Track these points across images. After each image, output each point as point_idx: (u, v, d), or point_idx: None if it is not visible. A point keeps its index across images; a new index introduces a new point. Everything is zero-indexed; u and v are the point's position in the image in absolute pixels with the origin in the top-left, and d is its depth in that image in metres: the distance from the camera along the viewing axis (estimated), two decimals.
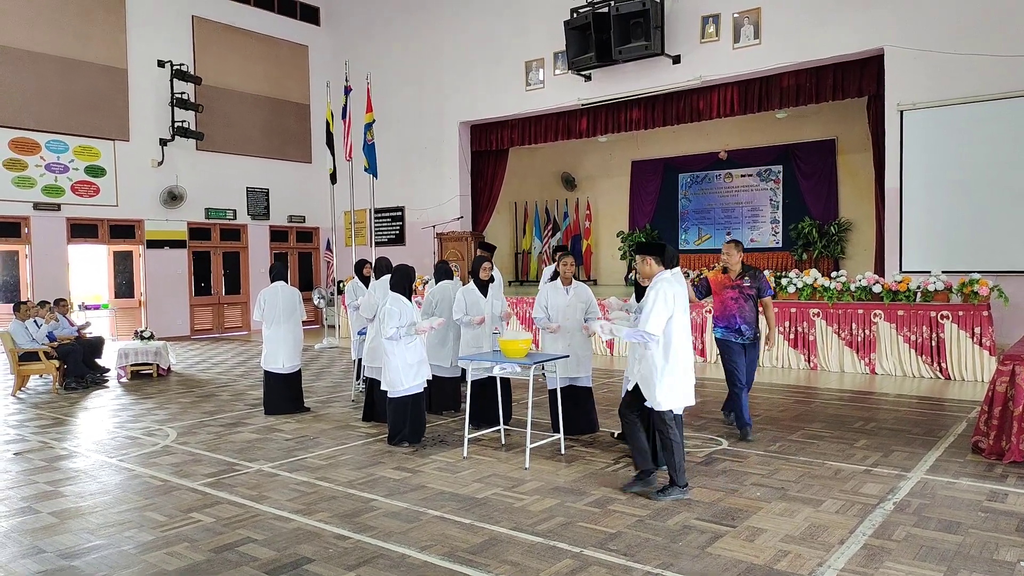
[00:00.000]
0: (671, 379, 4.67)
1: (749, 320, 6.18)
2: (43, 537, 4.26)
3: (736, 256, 6.23)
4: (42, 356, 9.44)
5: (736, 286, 6.22)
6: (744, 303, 6.18)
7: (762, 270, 6.31)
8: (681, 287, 4.74)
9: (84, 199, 14.46)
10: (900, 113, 10.67)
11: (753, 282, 6.20)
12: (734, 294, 6.21)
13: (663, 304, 4.60)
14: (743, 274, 6.25)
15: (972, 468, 5.24)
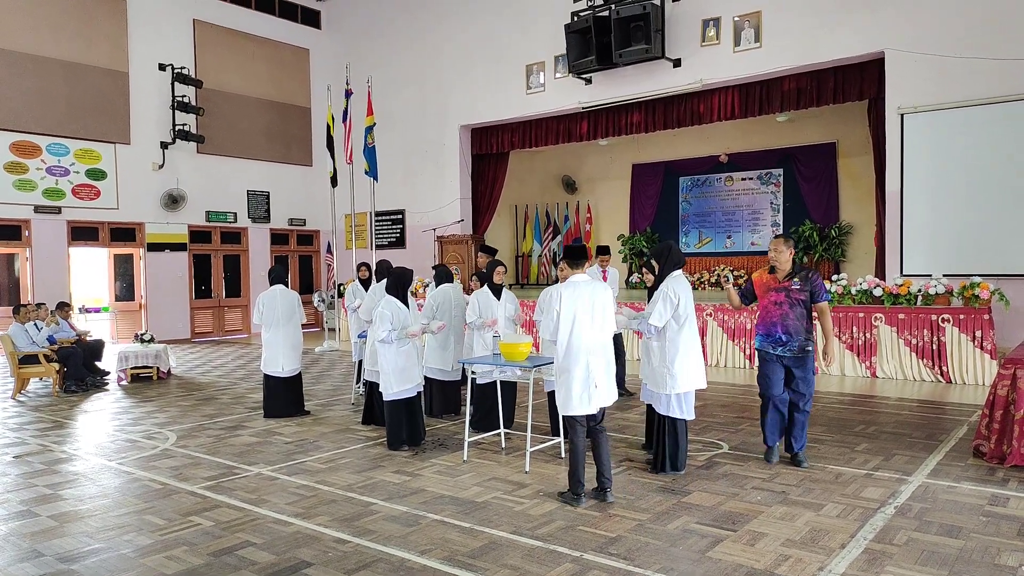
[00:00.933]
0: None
1: (793, 329, 5.29)
2: (42, 540, 4.25)
3: (786, 253, 5.36)
4: (42, 359, 9.43)
5: (783, 288, 5.37)
6: (789, 309, 5.32)
7: (817, 271, 5.43)
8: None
9: (85, 202, 14.47)
10: (901, 116, 10.67)
11: (804, 284, 5.31)
12: (779, 298, 5.37)
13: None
14: (793, 275, 5.36)
15: (973, 472, 5.23)
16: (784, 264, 5.38)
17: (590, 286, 4.75)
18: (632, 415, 7.34)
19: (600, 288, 4.79)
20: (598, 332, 4.70)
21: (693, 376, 5.18)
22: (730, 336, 10.80)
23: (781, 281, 5.40)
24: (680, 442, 5.24)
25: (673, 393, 5.14)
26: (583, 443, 4.71)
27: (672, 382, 5.11)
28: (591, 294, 4.71)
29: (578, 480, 4.66)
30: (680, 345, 5.12)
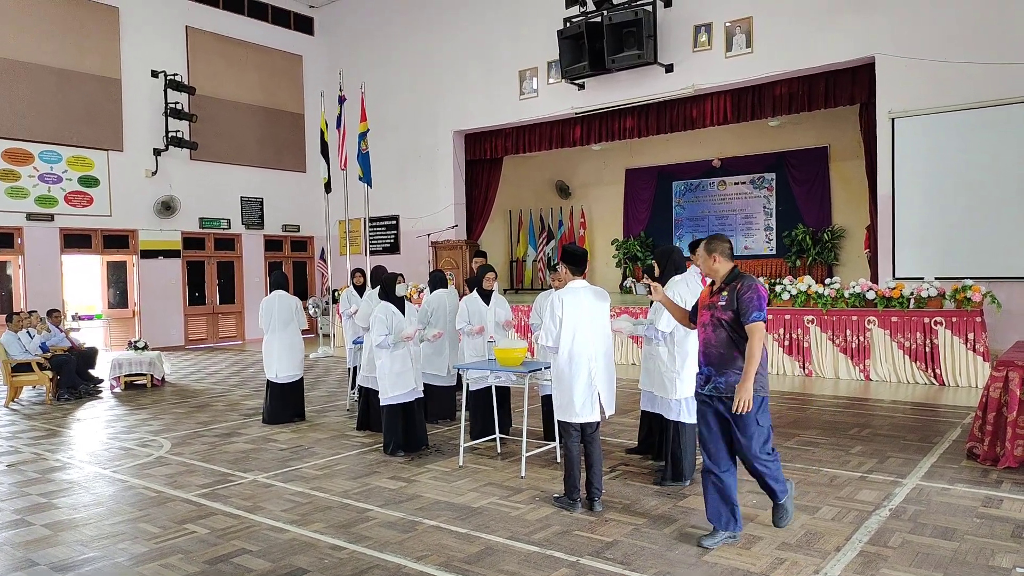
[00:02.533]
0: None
1: (716, 360, 4.03)
2: (36, 549, 4.23)
3: (711, 260, 4.12)
4: (35, 367, 9.39)
5: (709, 305, 4.13)
6: (712, 332, 4.06)
7: (754, 280, 4.03)
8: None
9: (77, 209, 14.42)
10: (892, 120, 10.74)
11: (731, 300, 3.99)
12: (704, 318, 4.15)
13: None
14: (723, 287, 4.10)
15: (967, 474, 5.25)
16: (714, 274, 4.15)
17: (590, 292, 4.75)
18: (628, 419, 7.35)
19: (599, 294, 4.80)
20: (600, 339, 4.70)
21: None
22: None
23: (711, 296, 4.17)
24: (684, 449, 5.10)
25: (683, 397, 5.02)
26: (578, 449, 4.71)
27: (682, 386, 4.99)
28: (591, 301, 4.71)
29: (574, 485, 4.67)
30: (689, 349, 4.97)
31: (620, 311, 11.38)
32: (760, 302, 3.92)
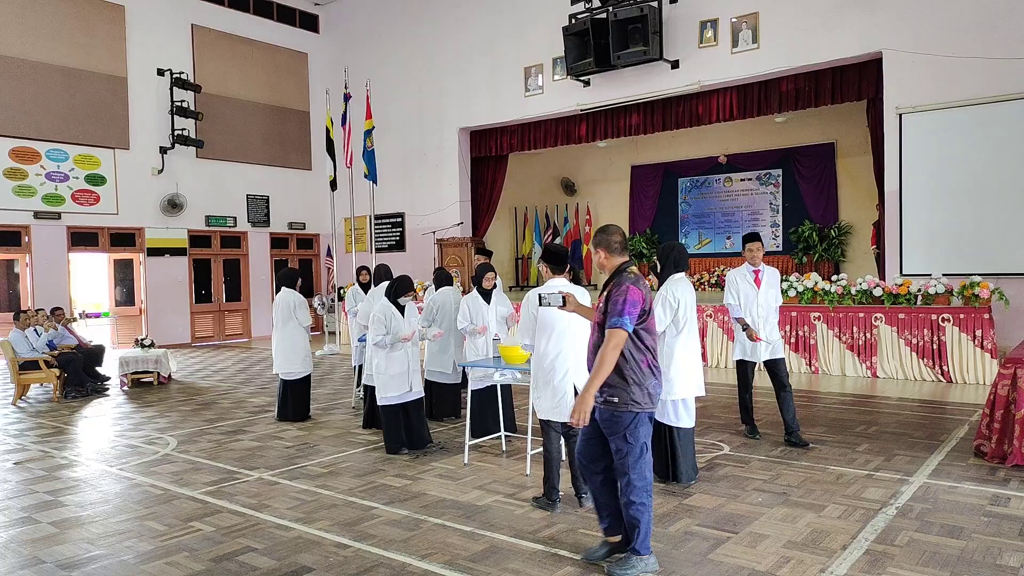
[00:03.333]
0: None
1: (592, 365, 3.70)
2: (43, 547, 4.24)
3: (602, 255, 3.74)
4: (42, 365, 9.43)
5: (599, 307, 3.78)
6: (593, 335, 3.75)
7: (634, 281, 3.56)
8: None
9: (84, 207, 14.48)
10: (899, 116, 10.67)
11: (605, 302, 3.64)
12: (596, 318, 3.77)
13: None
14: (606, 285, 3.72)
15: (974, 472, 5.22)
16: (602, 270, 3.80)
17: (571, 291, 4.71)
18: None
19: (580, 293, 4.76)
20: (579, 338, 4.66)
21: (690, 383, 5.07)
22: (731, 337, 10.79)
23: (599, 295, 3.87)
24: (681, 451, 5.09)
25: (668, 399, 5.03)
26: (558, 448, 4.69)
27: (668, 387, 4.99)
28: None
29: (552, 485, 4.64)
30: (677, 350, 5.01)
31: None
32: (625, 307, 3.48)
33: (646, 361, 3.64)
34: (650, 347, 3.69)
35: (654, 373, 3.67)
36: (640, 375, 3.60)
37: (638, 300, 3.54)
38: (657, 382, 3.69)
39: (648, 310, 3.65)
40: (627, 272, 3.66)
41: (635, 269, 3.70)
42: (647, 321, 3.66)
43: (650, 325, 3.70)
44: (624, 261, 3.73)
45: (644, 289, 3.62)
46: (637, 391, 3.59)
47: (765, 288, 6.25)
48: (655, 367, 3.69)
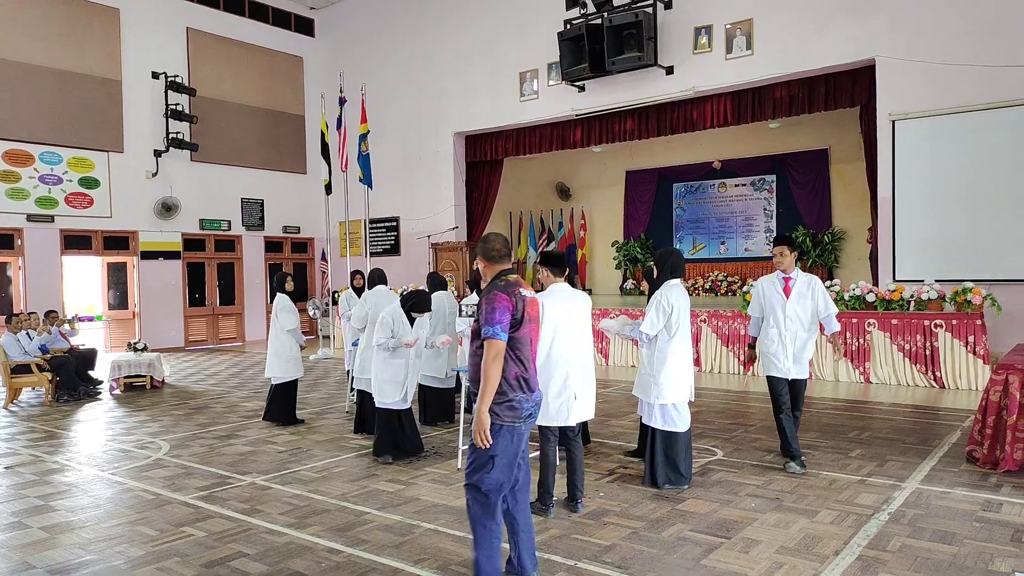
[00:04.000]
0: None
1: (472, 375, 3.57)
2: (33, 553, 4.22)
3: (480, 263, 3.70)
4: (34, 368, 9.39)
5: None
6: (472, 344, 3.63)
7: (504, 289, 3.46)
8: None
9: (78, 211, 14.43)
10: (892, 123, 10.73)
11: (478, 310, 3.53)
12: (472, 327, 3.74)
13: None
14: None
15: (967, 478, 5.24)
16: (484, 280, 3.74)
17: (571, 295, 4.74)
18: (626, 422, 7.34)
19: (580, 297, 4.79)
20: (579, 343, 4.68)
21: (679, 388, 5.07)
22: (724, 342, 10.81)
23: None
24: (672, 455, 5.08)
25: (657, 403, 5.05)
26: (554, 453, 4.69)
27: (657, 391, 5.03)
28: (573, 304, 4.69)
29: (547, 491, 4.64)
30: (669, 355, 5.03)
31: (619, 313, 11.38)
32: (492, 315, 3.36)
33: (514, 372, 3.44)
34: (522, 358, 3.47)
35: (522, 386, 3.45)
36: (505, 385, 3.41)
37: (507, 307, 3.40)
38: (525, 396, 3.45)
39: (522, 319, 3.44)
40: (500, 279, 3.54)
41: (512, 277, 3.56)
42: (521, 331, 3.46)
43: (524, 335, 3.47)
44: (504, 268, 3.62)
45: (516, 296, 3.44)
46: (499, 401, 3.40)
47: (796, 299, 5.52)
48: (525, 380, 3.46)
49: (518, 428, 3.46)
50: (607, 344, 11.87)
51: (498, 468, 3.41)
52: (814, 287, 5.59)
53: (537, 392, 3.59)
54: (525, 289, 3.57)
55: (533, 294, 3.68)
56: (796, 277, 5.62)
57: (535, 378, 3.60)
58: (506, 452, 3.42)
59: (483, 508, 3.43)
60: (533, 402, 3.54)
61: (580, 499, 4.70)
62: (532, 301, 3.61)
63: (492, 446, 3.39)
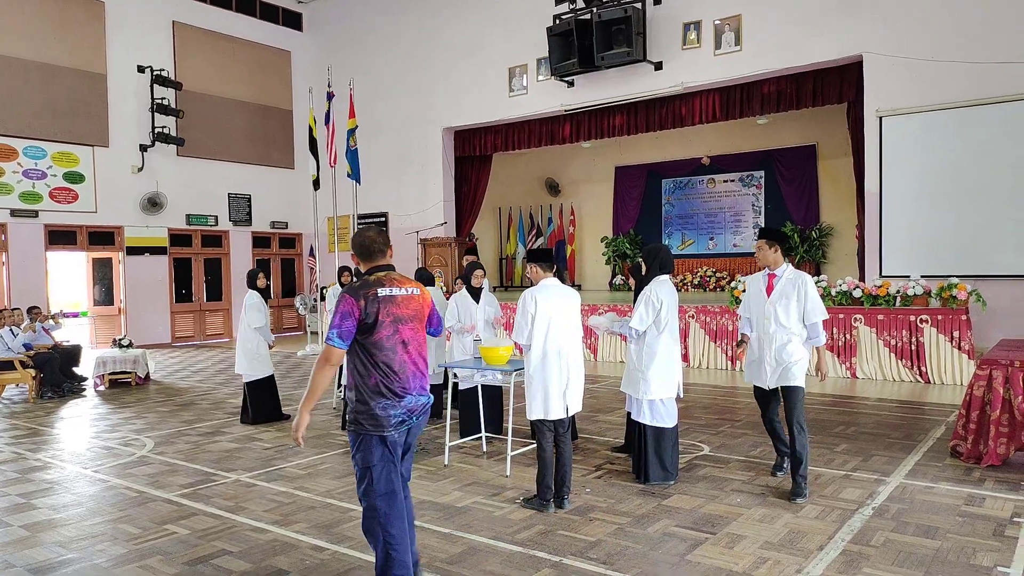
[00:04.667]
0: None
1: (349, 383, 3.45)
2: (14, 551, 4.17)
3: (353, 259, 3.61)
4: (17, 365, 9.29)
5: None
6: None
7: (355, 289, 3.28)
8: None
9: (63, 205, 14.30)
10: (879, 119, 10.77)
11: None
12: None
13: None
14: None
15: (950, 472, 5.27)
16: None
17: (562, 291, 4.75)
18: (613, 418, 7.34)
19: (571, 293, 4.80)
20: (571, 337, 4.69)
21: (667, 383, 5.09)
22: (712, 338, 10.84)
23: None
24: (660, 451, 5.10)
25: (645, 399, 5.07)
26: (552, 448, 4.70)
27: (645, 387, 5.05)
28: (563, 299, 4.70)
29: (547, 486, 4.64)
30: (658, 351, 5.04)
31: (608, 309, 11.39)
32: (333, 319, 3.23)
33: (374, 378, 3.25)
34: (382, 363, 3.25)
35: (384, 393, 3.25)
36: (366, 393, 3.26)
37: (349, 311, 3.20)
38: (391, 403, 3.25)
39: (375, 322, 3.22)
40: (370, 276, 3.36)
41: (379, 275, 3.34)
42: (377, 334, 3.23)
43: (381, 338, 3.24)
44: (377, 265, 3.42)
45: (367, 298, 3.22)
46: (362, 410, 3.27)
47: (777, 298, 4.96)
48: (388, 386, 3.25)
49: (389, 437, 3.27)
50: (595, 340, 11.87)
51: (377, 479, 3.27)
52: (801, 287, 4.93)
53: (411, 398, 3.31)
54: (397, 287, 3.33)
55: (411, 291, 3.39)
56: (782, 274, 5.02)
57: (414, 381, 3.33)
58: (381, 461, 3.27)
59: (380, 519, 3.27)
60: (404, 409, 3.29)
61: (567, 495, 4.69)
62: (407, 299, 3.35)
63: (365, 457, 3.28)
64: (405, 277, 3.46)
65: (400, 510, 3.31)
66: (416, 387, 3.36)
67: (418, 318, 3.43)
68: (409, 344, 3.35)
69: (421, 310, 3.45)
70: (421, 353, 3.42)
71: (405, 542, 3.31)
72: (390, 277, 3.37)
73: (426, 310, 3.50)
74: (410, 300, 3.38)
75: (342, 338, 3.21)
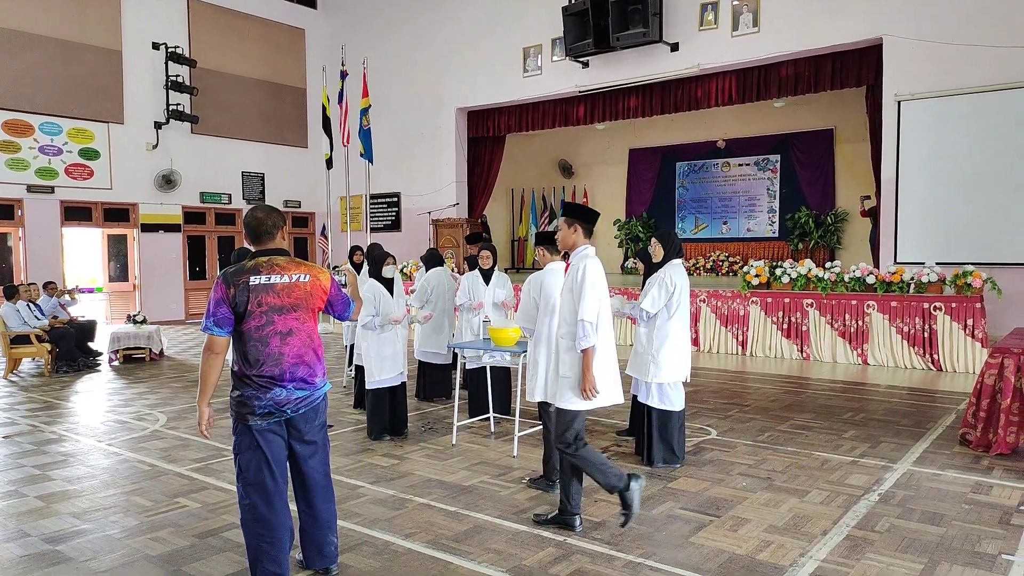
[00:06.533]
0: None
1: None
2: (29, 521, 4.26)
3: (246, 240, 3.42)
4: (34, 339, 9.42)
5: None
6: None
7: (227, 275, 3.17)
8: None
9: (78, 182, 14.40)
10: (898, 103, 10.62)
11: None
12: None
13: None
14: None
15: (959, 460, 5.25)
16: None
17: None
18: None
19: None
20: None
21: (677, 367, 5.10)
22: (723, 322, 10.80)
23: None
24: (666, 435, 5.11)
25: (655, 382, 5.08)
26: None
27: (655, 370, 5.06)
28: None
29: (553, 466, 4.67)
30: (669, 334, 5.05)
31: (618, 292, 11.37)
32: (210, 305, 3.15)
33: (239, 367, 3.21)
34: (249, 353, 3.16)
35: (247, 382, 3.18)
36: (234, 380, 3.24)
37: (221, 298, 3.12)
38: (254, 392, 3.17)
39: (244, 312, 3.12)
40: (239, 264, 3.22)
41: (257, 260, 3.19)
42: (248, 323, 3.14)
43: (250, 328, 3.14)
44: (262, 248, 3.26)
45: (238, 285, 3.11)
46: (232, 395, 3.25)
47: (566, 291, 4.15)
48: (251, 376, 3.17)
49: (255, 425, 3.20)
50: None
51: (245, 467, 3.22)
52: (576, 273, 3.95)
53: (282, 390, 3.19)
54: (278, 274, 3.16)
55: (296, 277, 3.20)
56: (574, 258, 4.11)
57: (291, 373, 3.20)
58: (248, 449, 3.22)
59: (248, 509, 3.23)
60: (271, 401, 3.18)
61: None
62: (288, 287, 3.18)
63: (236, 444, 3.26)
64: (294, 261, 3.25)
65: (274, 504, 3.21)
66: (293, 379, 3.22)
67: (304, 307, 3.24)
68: (291, 335, 3.20)
69: (307, 298, 3.24)
70: (310, 345, 3.27)
71: (281, 538, 3.22)
72: (271, 263, 3.18)
73: (317, 297, 3.29)
74: (292, 288, 3.19)
75: (219, 325, 3.13)
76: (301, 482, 3.41)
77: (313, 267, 3.31)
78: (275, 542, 3.22)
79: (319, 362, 3.34)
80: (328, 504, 3.46)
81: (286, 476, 3.34)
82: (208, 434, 3.34)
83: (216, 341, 3.17)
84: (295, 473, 3.41)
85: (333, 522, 3.50)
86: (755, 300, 10.43)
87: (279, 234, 3.28)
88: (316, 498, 3.42)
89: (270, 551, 3.21)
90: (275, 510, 3.24)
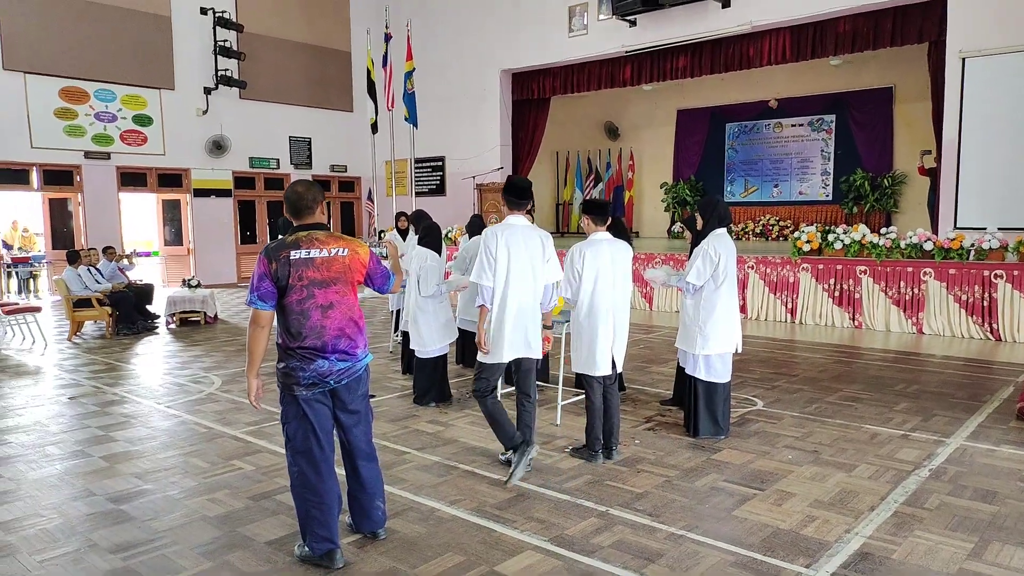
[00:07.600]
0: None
1: None
2: (94, 480, 4.48)
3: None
4: (95, 303, 9.79)
5: None
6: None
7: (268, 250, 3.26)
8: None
9: (133, 148, 14.76)
10: (962, 60, 10.12)
11: None
12: None
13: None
14: None
15: (1015, 435, 5.10)
16: None
17: (612, 245, 4.68)
18: (666, 369, 7.32)
19: (621, 247, 4.73)
20: (620, 292, 4.66)
21: (725, 338, 5.02)
22: (772, 290, 10.61)
23: None
24: (711, 405, 5.08)
25: (701, 354, 5.03)
26: (600, 401, 4.72)
27: (702, 342, 5.00)
28: (611, 253, 4.65)
29: (596, 436, 4.70)
30: (716, 305, 4.97)
31: (666, 258, 11.24)
32: (253, 279, 3.26)
33: (283, 339, 3.31)
34: (291, 326, 3.26)
35: (291, 354, 3.28)
36: (279, 351, 3.34)
37: (264, 272, 3.21)
38: (298, 364, 3.27)
39: (286, 286, 3.21)
40: (281, 239, 3.31)
41: (298, 235, 3.25)
42: (289, 297, 3.22)
43: (291, 302, 3.23)
44: (304, 223, 3.32)
45: (279, 259, 3.18)
46: (278, 367, 3.36)
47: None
48: (295, 349, 3.27)
49: (301, 395, 3.30)
50: (650, 290, 11.77)
51: (293, 435, 3.36)
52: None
53: (324, 362, 3.28)
54: (317, 248, 3.23)
55: (335, 251, 3.26)
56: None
57: (333, 345, 3.28)
58: (295, 419, 3.35)
59: (297, 476, 3.37)
60: (314, 372, 3.27)
61: (615, 446, 4.75)
62: (328, 261, 3.24)
63: (283, 413, 3.39)
64: (333, 236, 3.32)
65: (322, 471, 3.33)
66: (335, 351, 3.30)
67: (343, 280, 3.31)
68: (332, 308, 3.28)
69: (346, 272, 3.31)
70: (351, 317, 3.35)
71: (329, 504, 3.34)
72: (311, 237, 3.25)
73: (356, 271, 3.36)
74: (332, 262, 3.26)
75: (263, 300, 3.22)
76: (347, 450, 3.53)
77: (352, 241, 3.38)
78: (324, 507, 3.34)
79: (360, 334, 3.43)
80: (373, 471, 3.57)
81: (332, 444, 3.45)
82: (258, 405, 3.46)
83: (261, 315, 3.26)
84: (341, 441, 3.52)
85: (380, 488, 3.61)
86: (806, 267, 10.20)
87: (319, 209, 3.35)
88: (361, 465, 3.53)
89: (319, 516, 3.33)
90: (323, 477, 3.36)
